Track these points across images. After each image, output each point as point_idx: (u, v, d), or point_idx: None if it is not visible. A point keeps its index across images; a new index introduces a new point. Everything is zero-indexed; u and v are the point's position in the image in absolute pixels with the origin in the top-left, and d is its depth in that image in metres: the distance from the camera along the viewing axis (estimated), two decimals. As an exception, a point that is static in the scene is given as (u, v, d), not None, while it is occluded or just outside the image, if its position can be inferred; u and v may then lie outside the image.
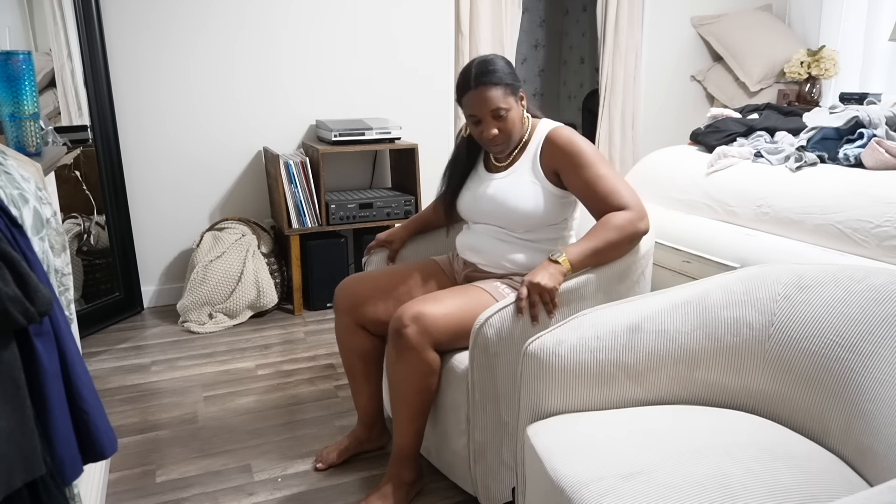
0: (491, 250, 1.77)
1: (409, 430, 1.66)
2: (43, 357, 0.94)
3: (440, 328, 1.57)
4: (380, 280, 1.82)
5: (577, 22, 5.56)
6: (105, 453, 1.07)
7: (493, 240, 1.77)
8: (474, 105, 1.66)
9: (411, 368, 1.58)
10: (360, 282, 1.82)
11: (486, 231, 1.79)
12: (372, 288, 1.80)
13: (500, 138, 1.68)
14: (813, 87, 3.85)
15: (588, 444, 1.17)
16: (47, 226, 1.19)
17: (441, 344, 1.59)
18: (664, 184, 2.62)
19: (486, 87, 1.63)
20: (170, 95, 3.05)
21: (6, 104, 1.67)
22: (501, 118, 1.66)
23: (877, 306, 1.22)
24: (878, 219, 1.89)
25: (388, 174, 3.51)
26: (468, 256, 1.83)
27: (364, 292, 1.79)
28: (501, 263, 1.76)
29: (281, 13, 3.15)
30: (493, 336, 1.50)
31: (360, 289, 1.80)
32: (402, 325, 1.56)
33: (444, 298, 1.63)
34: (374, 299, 1.78)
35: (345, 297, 1.81)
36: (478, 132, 1.70)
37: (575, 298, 1.57)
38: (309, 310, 3.12)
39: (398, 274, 1.85)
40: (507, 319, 1.51)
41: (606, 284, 1.63)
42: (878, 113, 2.23)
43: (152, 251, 3.15)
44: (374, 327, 1.80)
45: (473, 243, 1.81)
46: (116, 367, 2.54)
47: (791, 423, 1.30)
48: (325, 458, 1.89)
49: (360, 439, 1.92)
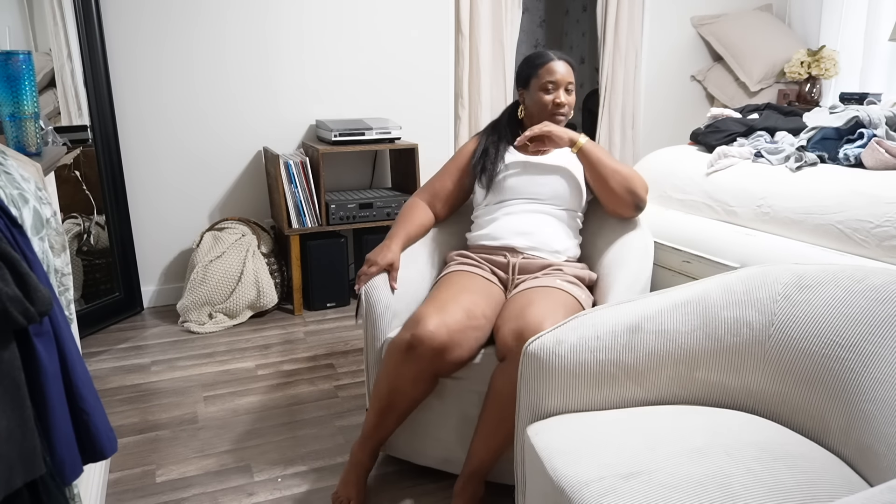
0: (541, 232, 1.85)
1: (500, 448, 1.60)
2: (43, 357, 0.94)
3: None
4: (458, 315, 1.61)
5: (577, 22, 5.56)
6: (105, 453, 1.07)
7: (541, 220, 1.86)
8: (556, 71, 1.87)
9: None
10: (443, 323, 1.58)
11: (531, 210, 1.88)
12: (456, 329, 1.59)
13: (566, 109, 1.89)
14: (813, 87, 3.85)
15: (588, 444, 1.17)
16: (47, 226, 1.19)
17: None
18: (664, 184, 2.62)
19: (565, 62, 1.89)
20: (170, 95, 3.05)
21: (6, 104, 1.67)
22: (569, 93, 1.90)
23: (877, 306, 1.22)
24: (878, 219, 1.89)
25: (388, 174, 3.51)
26: (516, 242, 1.83)
27: (451, 337, 1.58)
28: (552, 246, 1.83)
29: (281, 13, 3.15)
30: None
31: (447, 333, 1.57)
32: (512, 341, 1.53)
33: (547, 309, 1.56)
34: (460, 343, 1.59)
35: (428, 344, 1.56)
36: (551, 98, 1.88)
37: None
38: (309, 310, 3.12)
39: (467, 300, 1.66)
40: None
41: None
42: (878, 113, 2.23)
43: (152, 251, 3.15)
44: (453, 372, 1.65)
45: (521, 226, 1.85)
46: (116, 367, 2.54)
47: (791, 423, 1.30)
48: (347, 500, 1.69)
49: (367, 468, 1.73)
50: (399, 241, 1.86)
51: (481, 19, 3.48)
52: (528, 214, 1.86)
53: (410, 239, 1.91)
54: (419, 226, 1.94)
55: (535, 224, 1.84)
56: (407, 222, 1.91)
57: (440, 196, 2.00)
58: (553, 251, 1.81)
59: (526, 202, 1.88)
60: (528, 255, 1.82)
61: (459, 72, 3.54)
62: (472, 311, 1.64)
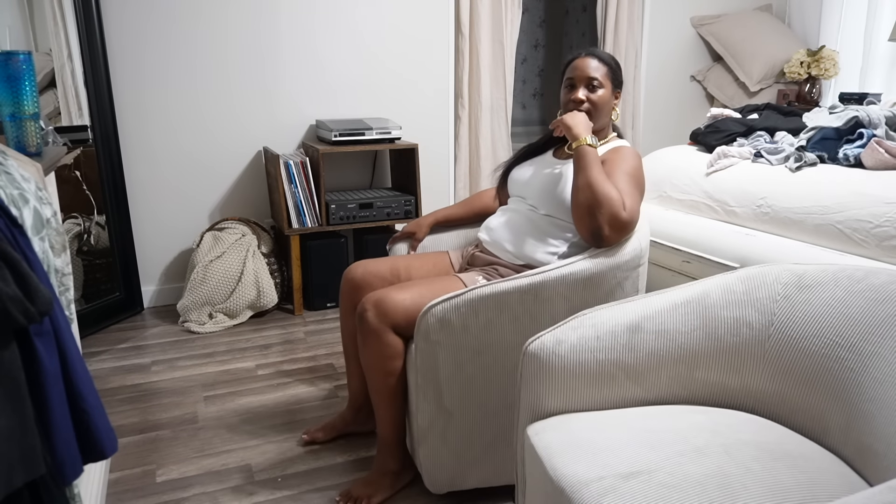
0: (501, 230, 1.83)
1: (385, 417, 1.70)
2: (43, 357, 0.94)
3: (399, 312, 1.62)
4: (382, 267, 1.88)
5: (577, 22, 5.56)
6: (105, 453, 1.07)
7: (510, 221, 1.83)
8: (575, 68, 1.79)
9: (373, 351, 1.64)
10: (364, 267, 1.88)
11: (509, 209, 1.87)
12: (373, 274, 1.86)
13: (586, 106, 1.76)
14: (813, 87, 3.85)
15: (588, 444, 1.17)
16: (47, 226, 1.19)
17: (401, 328, 1.63)
18: (664, 184, 2.62)
19: (592, 57, 1.79)
20: (170, 95, 3.05)
21: (6, 104, 1.67)
22: (593, 89, 1.77)
23: (877, 306, 1.22)
24: (878, 219, 1.89)
25: (388, 174, 3.51)
26: (481, 235, 1.90)
27: (365, 277, 1.86)
28: (503, 245, 1.81)
29: (281, 12, 3.15)
30: (435, 324, 1.53)
31: (362, 274, 1.86)
32: (363, 310, 1.64)
33: (414, 286, 1.70)
34: (371, 285, 1.84)
35: (347, 280, 1.89)
36: (567, 97, 1.79)
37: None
38: (309, 310, 3.12)
39: (402, 262, 1.91)
40: (451, 310, 1.53)
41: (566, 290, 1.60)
42: (878, 113, 2.23)
43: (152, 251, 3.15)
44: None
45: (491, 223, 1.89)
46: (116, 367, 2.54)
47: (791, 423, 1.30)
48: (311, 433, 1.99)
49: (346, 420, 2.00)
50: (434, 217, 2.08)
51: (481, 19, 3.48)
52: (504, 214, 1.88)
53: (452, 218, 2.09)
54: (469, 208, 2.10)
55: (501, 223, 1.85)
56: (462, 203, 2.12)
57: (499, 191, 2.09)
58: (504, 251, 1.80)
59: (514, 201, 1.91)
60: (482, 249, 1.88)
61: (459, 72, 3.54)
62: (397, 270, 1.87)
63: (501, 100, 3.65)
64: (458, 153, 3.63)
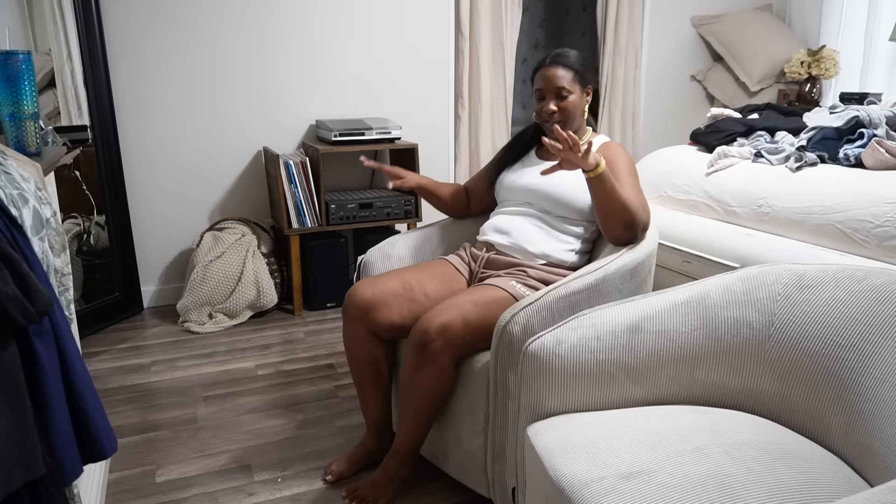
0: (518, 231, 1.82)
1: (416, 433, 1.67)
2: (43, 357, 0.93)
3: (466, 339, 1.58)
4: (392, 284, 1.75)
5: (577, 22, 5.56)
6: (105, 453, 1.07)
7: (524, 222, 1.83)
8: (541, 80, 1.81)
9: (432, 380, 1.59)
10: (373, 287, 1.74)
11: (519, 212, 1.87)
12: (385, 292, 1.73)
13: (557, 116, 1.80)
14: (813, 87, 3.85)
15: (588, 444, 1.17)
16: (47, 226, 1.19)
17: (464, 354, 1.61)
18: (664, 184, 2.62)
19: (557, 66, 1.79)
20: (169, 95, 3.05)
21: (6, 104, 1.67)
22: (563, 98, 1.79)
23: (877, 306, 1.22)
24: (878, 219, 1.89)
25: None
26: (493, 238, 1.87)
27: (378, 297, 1.72)
28: (523, 247, 1.80)
29: (281, 12, 3.15)
30: (519, 333, 1.49)
31: (372, 294, 1.72)
32: (428, 339, 1.55)
33: (464, 304, 1.61)
34: (387, 304, 1.72)
35: (355, 303, 1.73)
36: (539, 107, 1.83)
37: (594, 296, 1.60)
38: (309, 310, 3.12)
39: (410, 275, 1.80)
40: (532, 315, 1.50)
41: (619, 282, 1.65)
42: (879, 113, 2.23)
43: (152, 251, 3.15)
44: (387, 333, 1.75)
45: (502, 225, 1.87)
46: (116, 367, 2.54)
47: (791, 423, 1.30)
48: (334, 470, 1.82)
49: (369, 450, 1.85)
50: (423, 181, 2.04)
51: (481, 19, 3.48)
52: (514, 216, 1.87)
53: (434, 195, 2.06)
54: (451, 197, 2.08)
55: (516, 224, 1.85)
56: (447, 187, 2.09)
57: (473, 189, 2.10)
58: (525, 252, 1.80)
59: (520, 205, 1.89)
60: (499, 252, 1.85)
61: (459, 72, 3.54)
62: (410, 285, 1.76)
63: (501, 100, 3.65)
64: (458, 153, 3.63)
